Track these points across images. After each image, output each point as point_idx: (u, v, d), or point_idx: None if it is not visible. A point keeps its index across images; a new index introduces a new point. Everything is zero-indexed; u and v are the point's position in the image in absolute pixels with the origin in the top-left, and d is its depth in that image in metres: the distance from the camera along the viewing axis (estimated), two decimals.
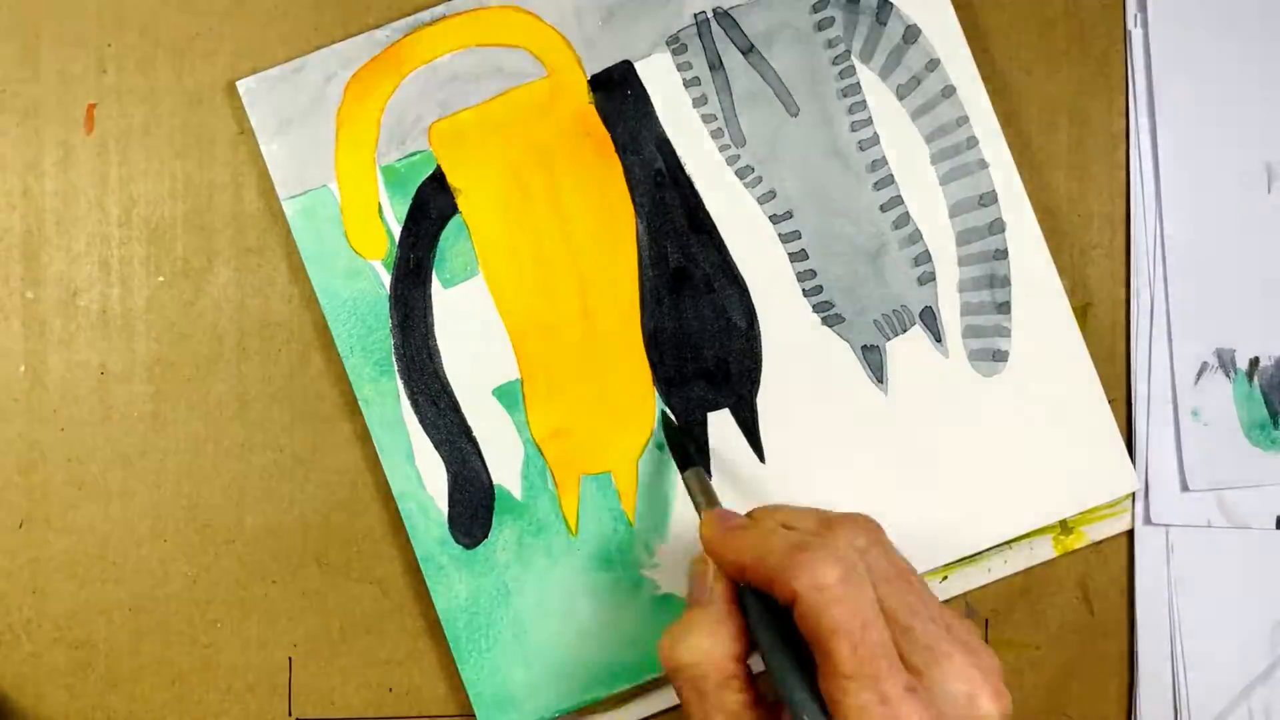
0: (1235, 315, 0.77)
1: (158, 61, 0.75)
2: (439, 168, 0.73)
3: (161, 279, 0.74)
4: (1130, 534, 0.76)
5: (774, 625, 0.59)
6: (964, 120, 0.74)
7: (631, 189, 0.73)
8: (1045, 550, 0.76)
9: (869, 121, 0.74)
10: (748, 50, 0.74)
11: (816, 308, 0.74)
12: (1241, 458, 0.76)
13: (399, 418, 0.73)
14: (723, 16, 0.73)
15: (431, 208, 0.73)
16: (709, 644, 0.60)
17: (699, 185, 0.74)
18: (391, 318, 0.73)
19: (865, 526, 0.62)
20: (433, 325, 0.73)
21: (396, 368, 0.73)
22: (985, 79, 0.75)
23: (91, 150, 0.74)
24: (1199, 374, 0.76)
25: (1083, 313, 0.76)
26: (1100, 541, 0.76)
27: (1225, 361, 0.76)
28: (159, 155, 0.75)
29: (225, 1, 0.75)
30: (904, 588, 0.60)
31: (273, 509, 0.74)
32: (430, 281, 0.73)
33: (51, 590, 0.74)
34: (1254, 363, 0.76)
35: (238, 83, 0.73)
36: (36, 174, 0.74)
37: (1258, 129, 0.76)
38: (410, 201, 0.73)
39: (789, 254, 0.74)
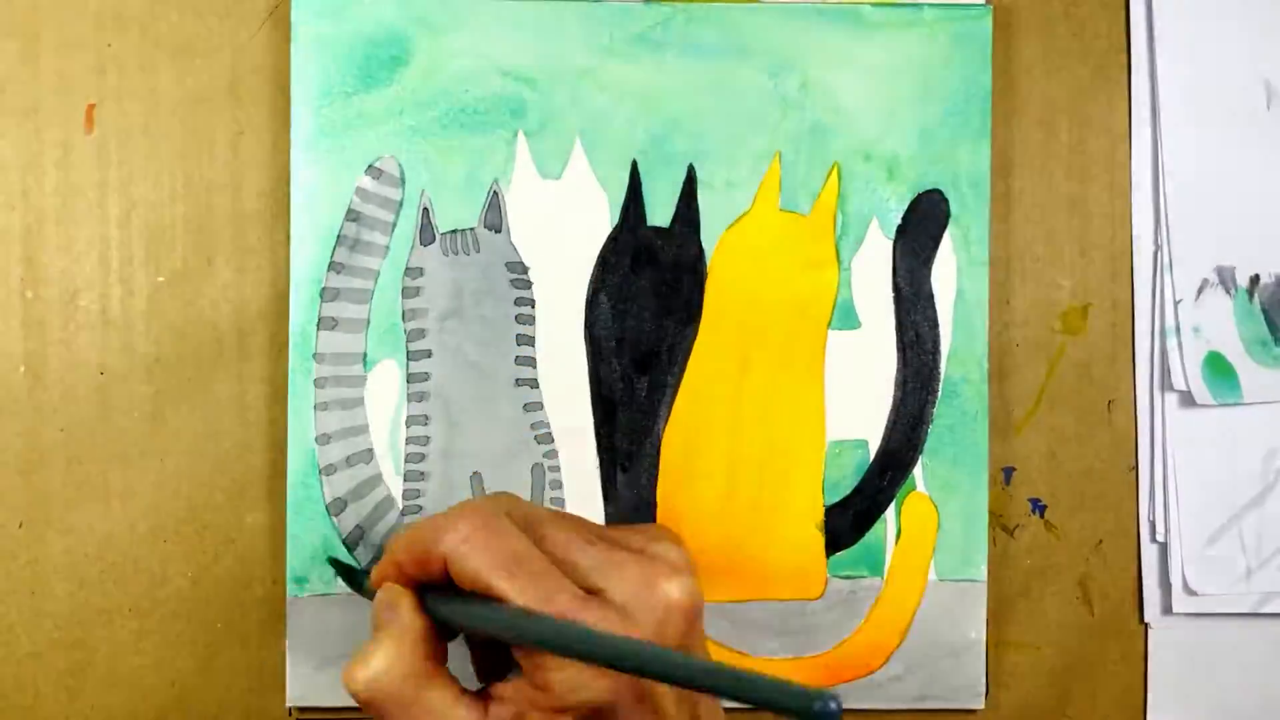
0: (1235, 234, 0.77)
1: (158, 61, 0.75)
2: None
3: (161, 279, 0.74)
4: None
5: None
6: None
7: None
8: None
9: None
10: None
11: None
12: (1244, 374, 0.77)
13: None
14: None
15: None
16: (394, 651, 0.61)
17: None
18: None
19: (500, 495, 0.64)
20: None
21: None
22: None
23: (91, 150, 0.74)
24: (1199, 290, 0.76)
25: (1083, 313, 0.76)
26: (1101, 542, 0.77)
27: (1225, 279, 0.76)
28: (159, 155, 0.75)
29: (225, 1, 0.75)
30: (556, 526, 0.62)
31: (273, 509, 0.74)
32: None
33: (51, 590, 0.74)
34: (1254, 280, 0.76)
35: None
36: (36, 174, 0.74)
37: (1258, 49, 0.77)
38: None
39: None
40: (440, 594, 0.61)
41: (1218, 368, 0.77)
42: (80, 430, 0.74)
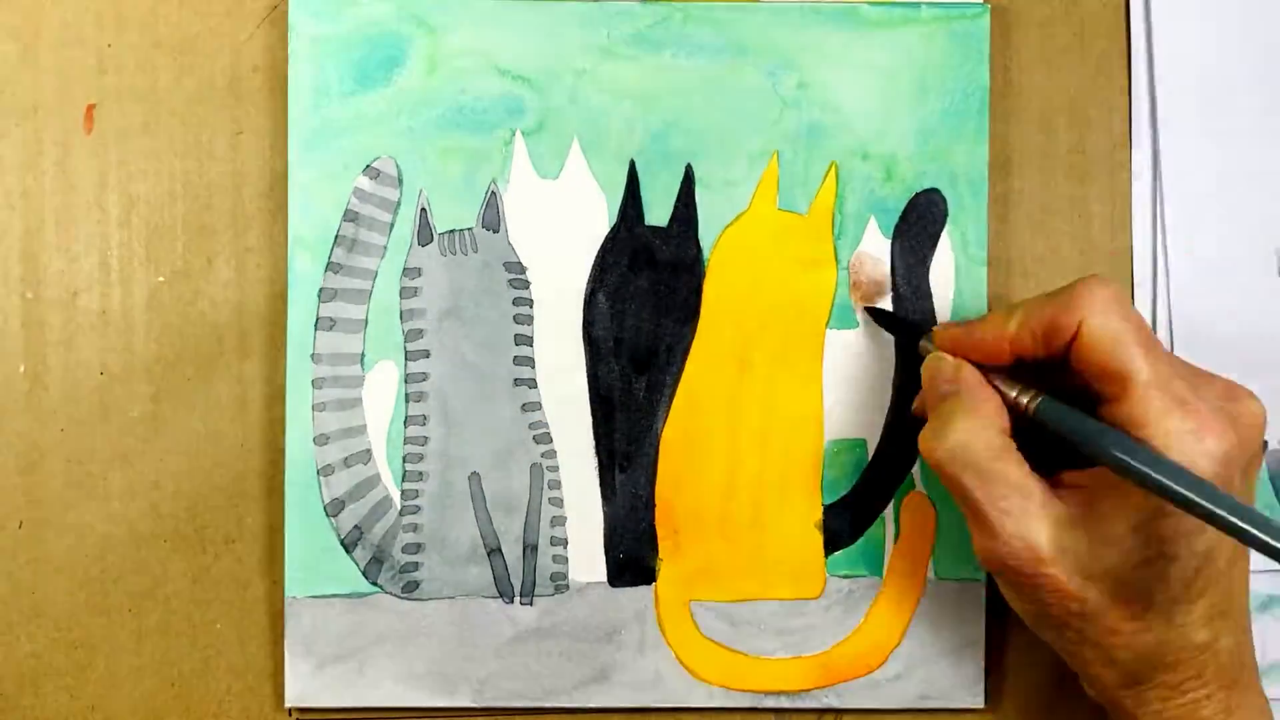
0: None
1: (158, 61, 0.75)
2: None
3: (161, 279, 0.74)
4: None
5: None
6: None
7: None
8: None
9: None
10: None
11: None
12: None
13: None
14: None
15: None
16: (975, 423, 0.64)
17: None
18: None
19: (1103, 276, 0.65)
20: None
21: None
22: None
23: (91, 150, 0.74)
24: None
25: None
26: None
27: None
28: (159, 155, 0.75)
29: (225, 1, 0.75)
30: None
31: (273, 509, 0.74)
32: None
33: (51, 590, 0.74)
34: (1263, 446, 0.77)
35: None
36: (36, 174, 0.74)
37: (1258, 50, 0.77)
38: None
39: None
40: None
41: None
42: (80, 430, 0.74)
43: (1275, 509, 0.77)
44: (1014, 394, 0.65)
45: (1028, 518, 0.62)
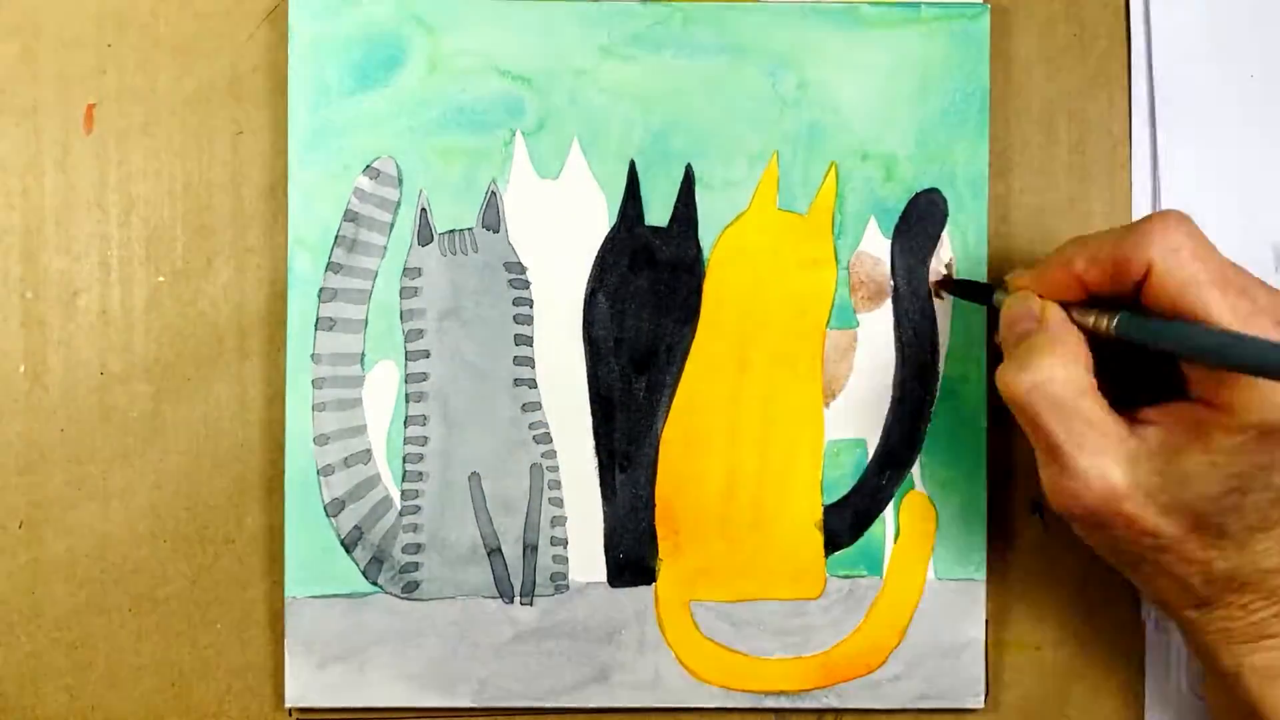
0: None
1: (158, 61, 0.75)
2: None
3: (161, 279, 0.74)
4: None
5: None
6: None
7: None
8: None
9: None
10: None
11: None
12: None
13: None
14: None
15: None
16: (1057, 360, 0.63)
17: None
18: None
19: (1177, 212, 0.64)
20: None
21: None
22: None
23: (91, 150, 0.74)
24: None
25: None
26: None
27: None
28: (159, 155, 0.75)
29: (225, 1, 0.75)
30: (1233, 264, 0.64)
31: (273, 509, 0.74)
32: None
33: (51, 590, 0.74)
34: None
35: None
36: (36, 174, 0.74)
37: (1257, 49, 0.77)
38: None
39: None
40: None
41: None
42: (80, 430, 0.74)
43: None
44: (1091, 320, 0.65)
45: (1105, 456, 0.62)
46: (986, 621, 0.75)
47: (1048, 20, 0.76)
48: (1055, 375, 0.63)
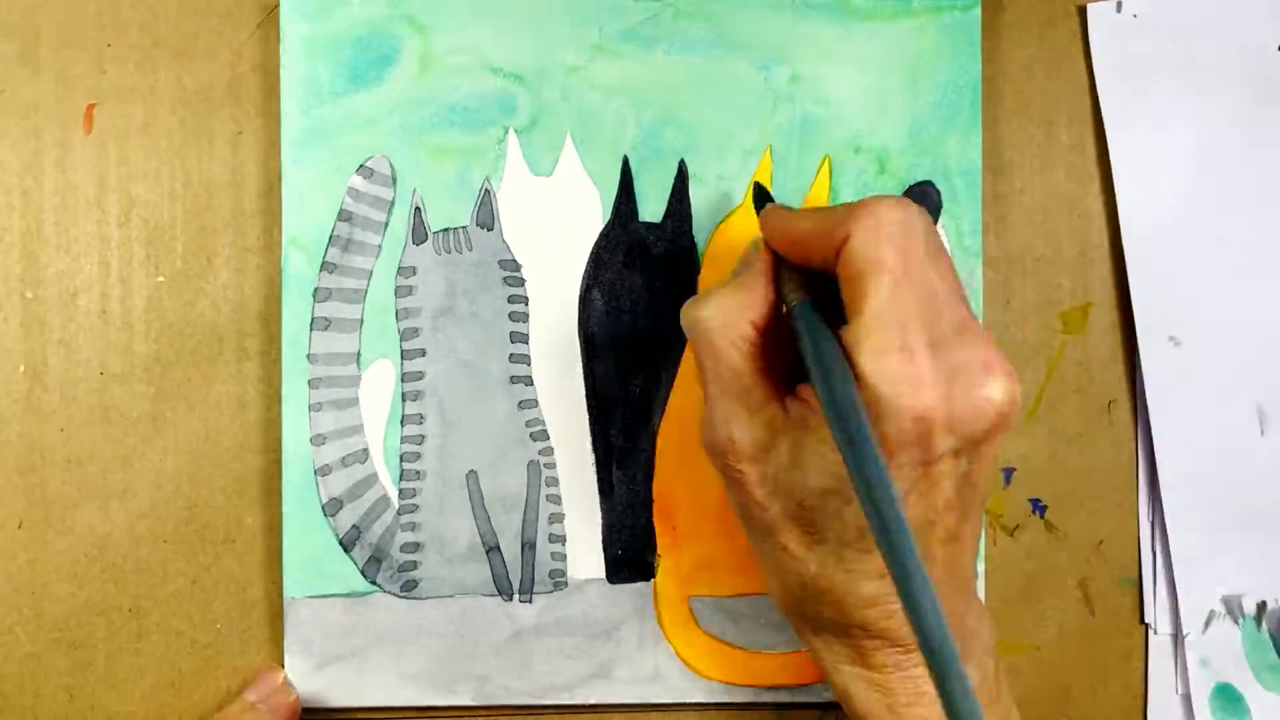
0: (1241, 562, 0.77)
1: (158, 61, 0.75)
2: None
3: (161, 279, 0.74)
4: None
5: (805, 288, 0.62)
6: None
7: None
8: None
9: None
10: None
11: None
12: (1252, 701, 0.77)
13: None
14: None
15: None
16: (731, 304, 0.62)
17: None
18: None
19: (906, 201, 0.61)
20: None
21: None
22: (986, 78, 0.75)
23: (91, 150, 0.74)
24: (1206, 623, 0.77)
25: (1083, 313, 0.76)
26: (1101, 542, 0.76)
27: (1233, 608, 0.77)
28: (159, 155, 0.75)
29: (225, 1, 0.75)
30: (943, 265, 0.61)
31: (273, 509, 0.74)
32: None
33: (51, 590, 0.74)
34: (1261, 606, 0.77)
35: None
36: (36, 174, 0.74)
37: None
38: None
39: None
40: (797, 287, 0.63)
41: (1227, 697, 0.77)
42: (80, 430, 0.74)
43: (1279, 666, 0.77)
44: (786, 292, 0.63)
45: (741, 411, 0.61)
46: None
47: (1047, 19, 0.76)
48: (719, 317, 0.62)
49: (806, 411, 0.60)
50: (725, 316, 0.62)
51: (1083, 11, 0.76)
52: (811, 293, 0.62)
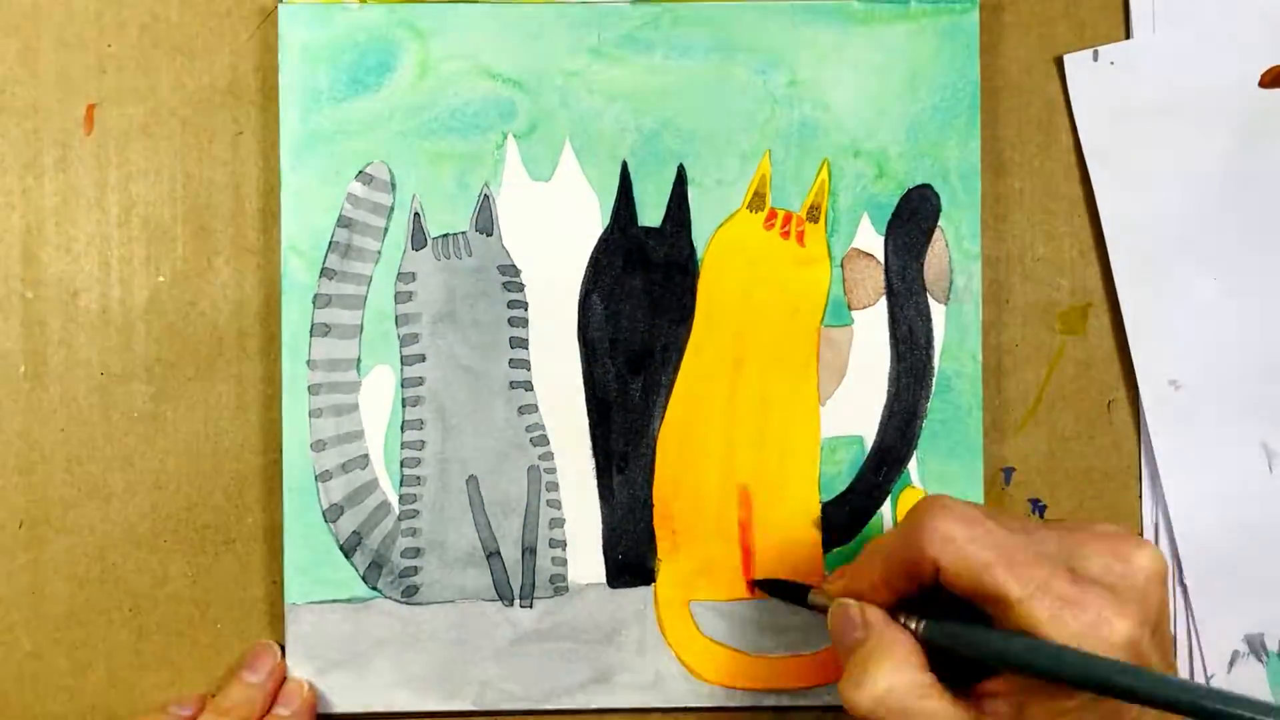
0: (1261, 603, 0.77)
1: (158, 61, 0.75)
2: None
3: (161, 279, 0.74)
4: None
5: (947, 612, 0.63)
6: None
7: None
8: None
9: None
10: None
11: None
12: None
13: None
14: None
15: None
16: (892, 665, 0.62)
17: None
18: None
19: (937, 497, 0.63)
20: None
21: None
22: (986, 78, 0.75)
23: (91, 150, 0.74)
24: (1230, 663, 0.77)
25: (1083, 313, 0.76)
26: None
27: (1255, 647, 0.77)
28: (159, 155, 0.75)
29: (225, 1, 0.75)
30: (998, 517, 0.62)
31: (273, 509, 0.74)
32: None
33: (51, 590, 0.74)
34: None
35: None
36: (36, 174, 0.74)
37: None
38: None
39: None
40: (920, 610, 0.64)
41: None
42: (80, 430, 0.74)
43: None
44: (903, 621, 0.64)
45: None
46: None
47: (1048, 19, 0.76)
48: (894, 685, 0.61)
49: (1009, 703, 0.61)
50: (898, 679, 0.62)
51: (1060, 62, 0.76)
52: (902, 609, 0.65)
